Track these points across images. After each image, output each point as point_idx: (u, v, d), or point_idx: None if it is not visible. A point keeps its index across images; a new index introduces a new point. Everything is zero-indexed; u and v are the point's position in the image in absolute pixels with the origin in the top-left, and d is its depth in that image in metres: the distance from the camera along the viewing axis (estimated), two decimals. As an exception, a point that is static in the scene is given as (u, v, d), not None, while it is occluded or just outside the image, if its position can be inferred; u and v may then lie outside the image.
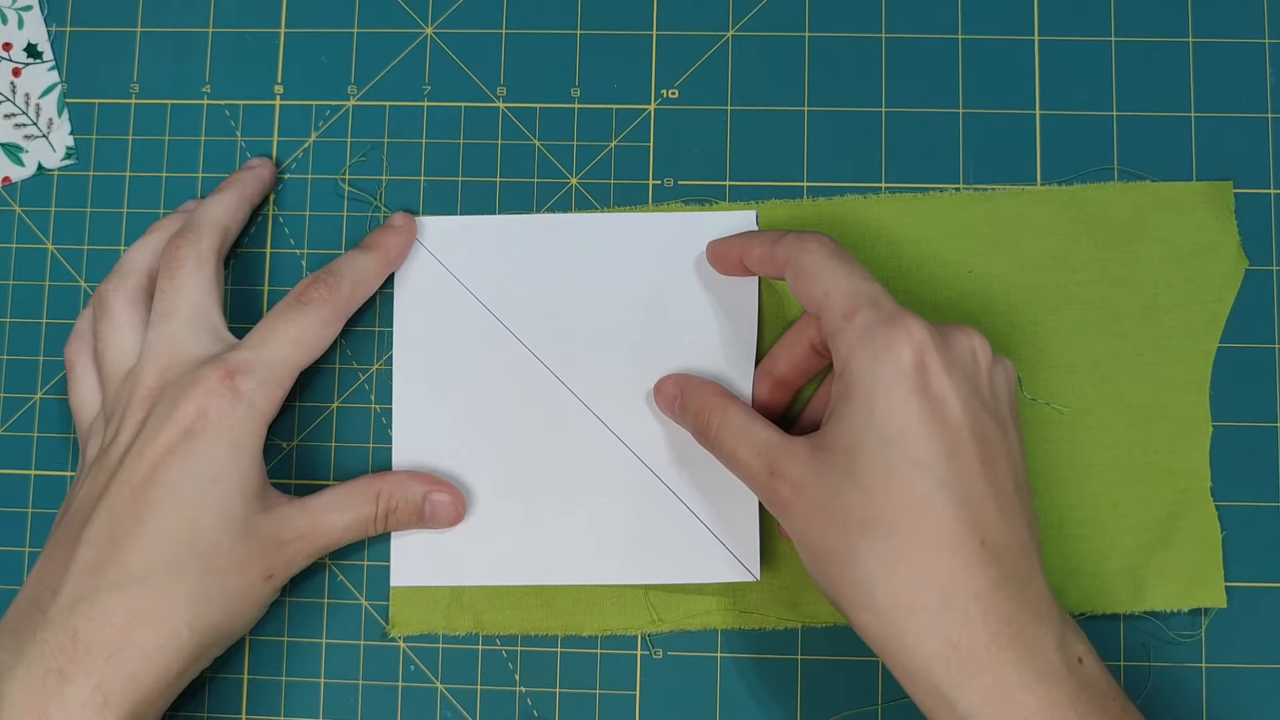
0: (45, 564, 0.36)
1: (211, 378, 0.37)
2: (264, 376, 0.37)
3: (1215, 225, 0.42)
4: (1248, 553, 0.41)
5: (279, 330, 0.38)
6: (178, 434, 0.36)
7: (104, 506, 0.36)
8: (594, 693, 0.41)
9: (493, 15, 0.44)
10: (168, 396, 0.37)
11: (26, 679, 0.34)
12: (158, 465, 0.36)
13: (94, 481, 0.37)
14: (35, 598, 0.35)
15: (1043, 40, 0.43)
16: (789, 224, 0.42)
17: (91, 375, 0.40)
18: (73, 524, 0.36)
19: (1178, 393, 0.41)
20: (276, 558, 0.37)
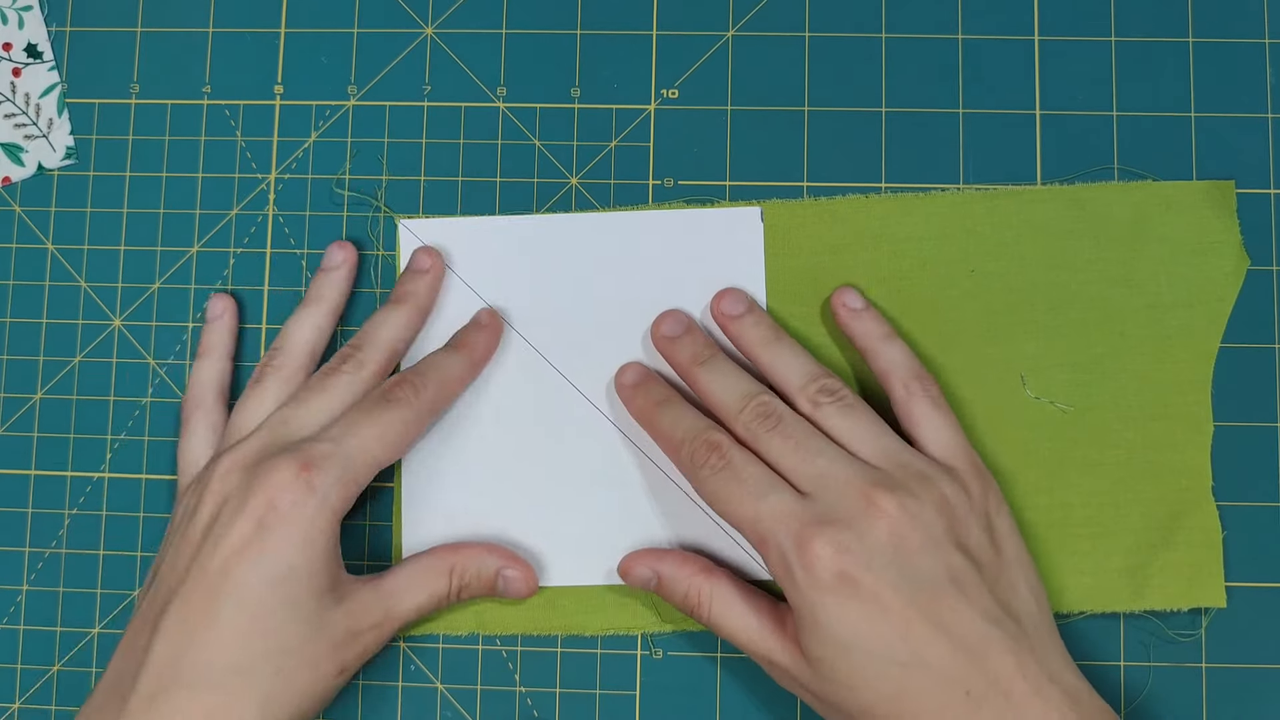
0: (128, 647, 0.36)
1: (287, 470, 0.36)
2: (340, 473, 0.36)
3: (1217, 225, 0.42)
4: (1248, 553, 0.41)
5: (361, 426, 0.37)
6: (251, 526, 0.35)
7: (181, 596, 0.35)
8: (594, 693, 0.41)
9: (493, 15, 0.44)
10: (246, 483, 0.36)
11: None
12: (232, 560, 0.35)
13: (174, 561, 0.37)
14: (117, 684, 0.35)
15: (1043, 40, 0.43)
16: (791, 223, 0.42)
17: (204, 430, 0.41)
18: (151, 609, 0.36)
19: (1179, 392, 0.41)
20: (349, 651, 0.37)
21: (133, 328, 0.44)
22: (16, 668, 0.42)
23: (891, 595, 0.34)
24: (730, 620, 0.38)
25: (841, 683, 0.34)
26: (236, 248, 0.44)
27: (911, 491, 0.35)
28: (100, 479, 0.43)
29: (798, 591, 0.35)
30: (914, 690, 0.34)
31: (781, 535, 0.35)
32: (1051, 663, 0.35)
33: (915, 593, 0.34)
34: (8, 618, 0.43)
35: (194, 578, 0.35)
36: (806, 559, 0.34)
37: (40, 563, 0.43)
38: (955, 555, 0.35)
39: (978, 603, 0.35)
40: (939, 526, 0.35)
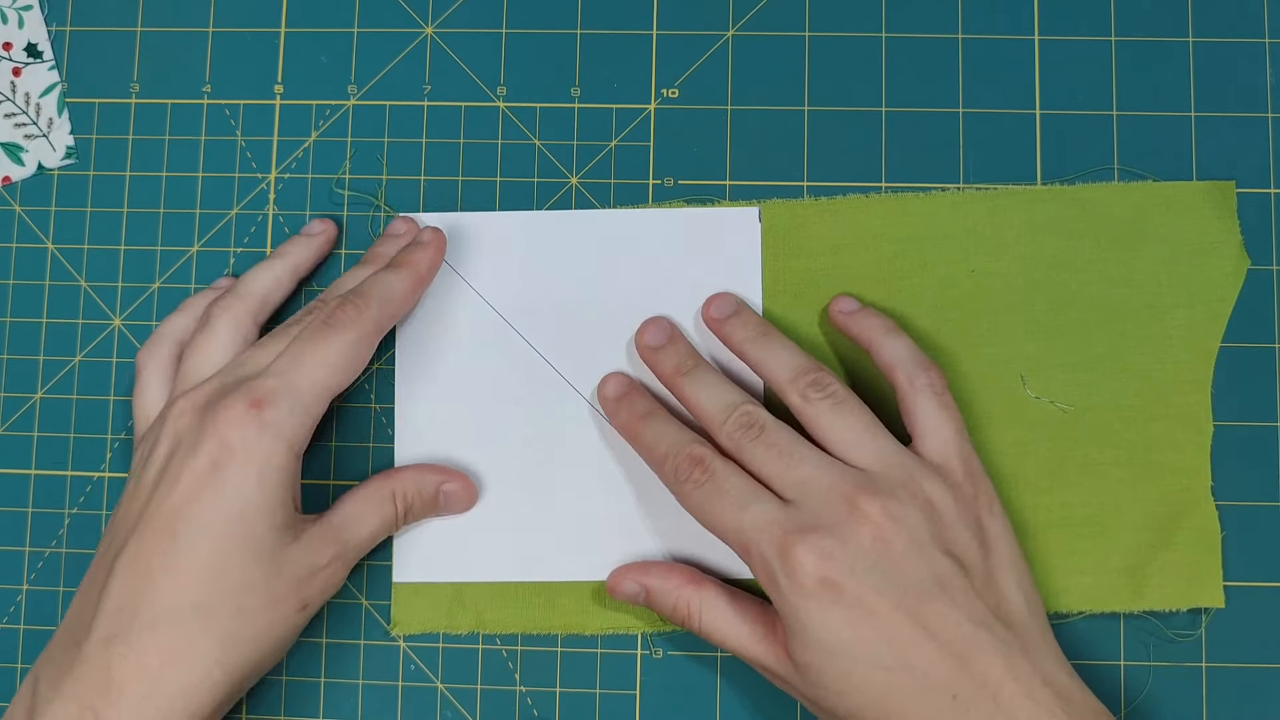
0: (84, 594, 0.36)
1: (237, 407, 0.36)
2: (291, 404, 0.36)
3: (1217, 224, 0.42)
4: (1248, 552, 0.41)
5: (305, 355, 0.37)
6: (205, 466, 0.35)
7: (136, 537, 0.35)
8: (594, 693, 0.41)
9: (493, 15, 0.44)
10: (197, 423, 0.36)
11: (63, 714, 0.33)
12: (185, 500, 0.35)
13: (128, 507, 0.36)
14: (73, 630, 0.35)
15: (1043, 40, 0.43)
16: (791, 223, 0.42)
17: (158, 382, 0.40)
18: (107, 554, 0.36)
19: (1179, 392, 0.41)
20: (310, 587, 0.36)
21: (133, 327, 0.44)
22: (16, 668, 0.42)
23: (876, 600, 0.34)
24: (720, 629, 0.38)
25: (829, 687, 0.35)
26: (236, 247, 0.44)
27: (896, 495, 0.35)
28: (100, 478, 0.43)
29: (782, 599, 0.35)
30: (900, 694, 0.34)
31: (764, 544, 0.35)
32: (1045, 665, 0.35)
33: (900, 597, 0.34)
34: (8, 618, 0.43)
35: (149, 520, 0.35)
36: (789, 566, 0.34)
37: (40, 563, 0.43)
38: (941, 559, 0.35)
39: (964, 606, 0.35)
40: (924, 530, 0.35)
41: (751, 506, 0.36)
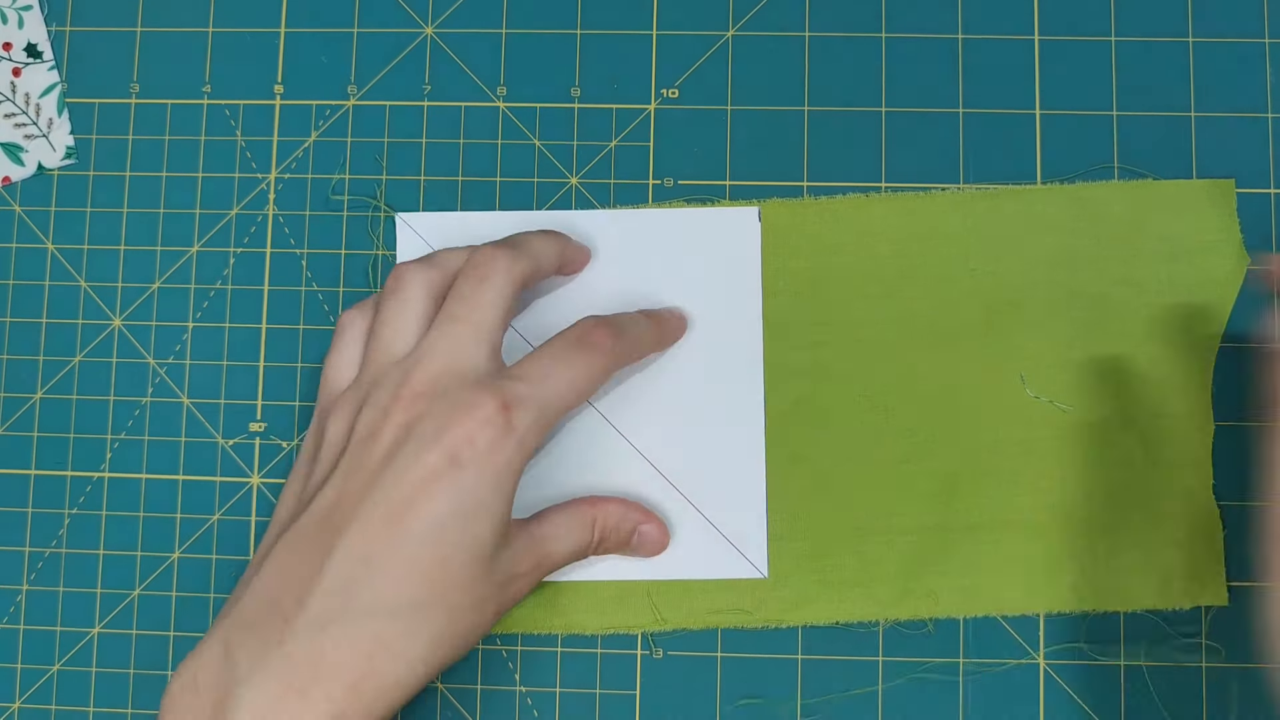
0: (289, 561, 0.34)
1: (488, 406, 0.34)
2: (537, 416, 0.35)
3: (1217, 223, 0.42)
4: (1249, 552, 0.41)
5: (558, 370, 0.36)
6: (444, 460, 0.34)
7: (359, 522, 0.34)
8: (594, 693, 0.41)
9: (493, 15, 0.44)
10: (438, 413, 0.35)
11: (266, 690, 0.32)
12: (420, 492, 0.34)
13: (347, 481, 0.35)
14: (276, 601, 0.34)
15: (1043, 40, 0.43)
16: (791, 223, 0.42)
17: (355, 347, 0.39)
18: (321, 531, 0.34)
19: (1179, 391, 0.41)
20: (507, 594, 0.36)
21: (133, 328, 0.44)
22: (16, 668, 0.42)
23: None
24: None
25: None
26: (236, 248, 0.44)
27: None
28: (100, 479, 0.43)
29: None
30: None
31: None
32: None
33: None
34: (8, 618, 0.43)
35: (375, 503, 0.34)
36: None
37: (40, 563, 0.43)
38: None
39: None
40: None
41: None
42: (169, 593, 0.42)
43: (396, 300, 0.37)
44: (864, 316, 0.42)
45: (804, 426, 0.41)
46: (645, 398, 0.41)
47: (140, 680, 0.42)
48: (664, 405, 0.41)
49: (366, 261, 0.43)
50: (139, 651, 0.42)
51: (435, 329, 0.36)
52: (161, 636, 0.42)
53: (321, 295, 0.43)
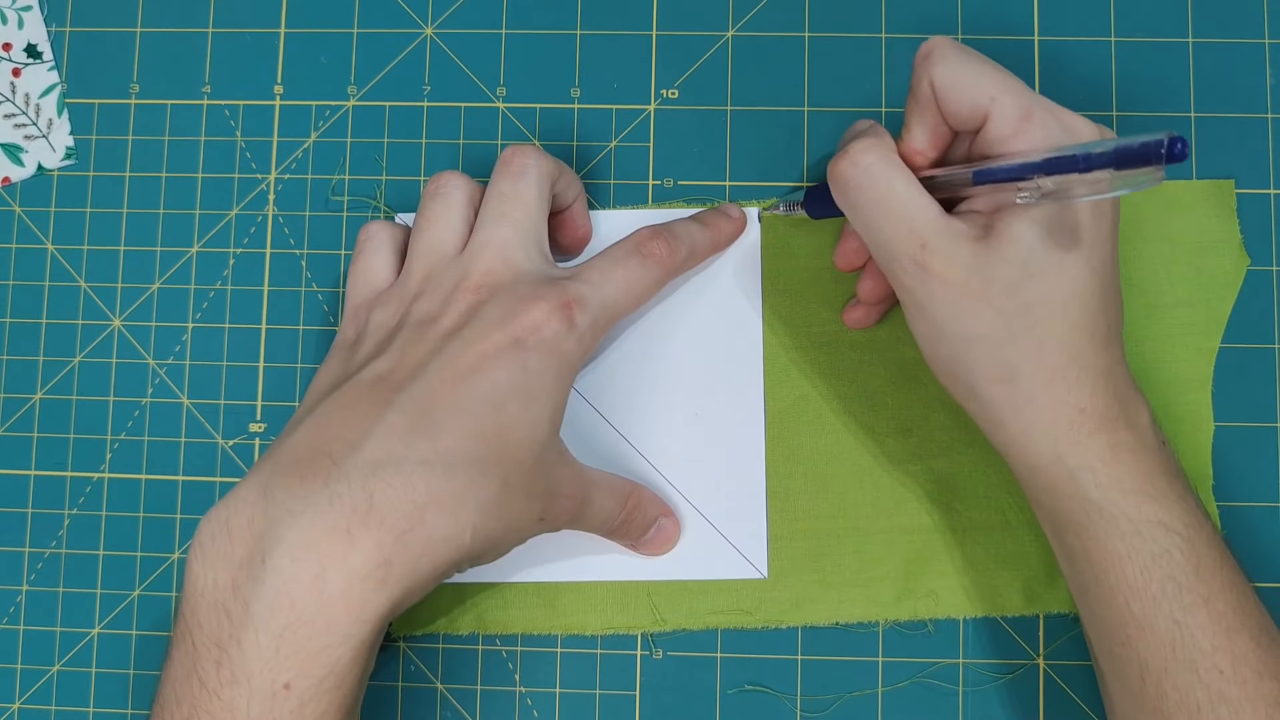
0: (339, 415, 0.33)
1: (552, 299, 0.35)
2: (594, 317, 0.36)
3: (1217, 224, 0.42)
4: (1248, 552, 0.41)
5: (616, 275, 0.37)
6: (509, 340, 0.34)
7: (421, 380, 0.33)
8: (594, 693, 0.41)
9: (493, 15, 0.44)
10: (502, 300, 0.35)
11: (310, 530, 0.31)
12: (485, 361, 0.34)
13: (405, 352, 0.34)
14: (323, 447, 0.32)
15: (1043, 40, 0.43)
16: (791, 223, 0.42)
17: (385, 253, 0.39)
18: (378, 387, 0.34)
19: (1180, 391, 0.41)
20: (554, 506, 0.35)
21: (132, 328, 0.44)
22: (16, 668, 0.42)
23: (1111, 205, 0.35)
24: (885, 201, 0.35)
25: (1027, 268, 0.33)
26: (236, 248, 0.44)
27: None
28: (100, 479, 0.43)
29: None
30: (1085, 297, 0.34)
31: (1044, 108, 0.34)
32: None
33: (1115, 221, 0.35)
34: (8, 618, 0.43)
35: (439, 366, 0.33)
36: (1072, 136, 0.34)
37: (40, 563, 0.43)
38: None
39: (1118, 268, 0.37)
40: None
41: None
42: (169, 593, 0.42)
43: (441, 201, 0.38)
44: (864, 317, 0.42)
45: (804, 426, 0.41)
46: (645, 398, 0.41)
47: (140, 680, 0.42)
48: (664, 405, 0.41)
49: (366, 262, 0.43)
50: (138, 652, 0.42)
51: (487, 226, 0.37)
52: (161, 637, 0.42)
53: (321, 296, 0.43)
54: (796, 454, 0.41)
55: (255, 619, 0.30)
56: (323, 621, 0.30)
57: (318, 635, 0.30)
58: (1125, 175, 0.29)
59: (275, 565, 0.30)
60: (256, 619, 0.30)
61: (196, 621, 0.31)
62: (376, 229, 0.39)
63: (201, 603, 0.31)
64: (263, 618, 0.30)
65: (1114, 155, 0.29)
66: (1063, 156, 0.31)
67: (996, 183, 0.33)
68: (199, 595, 0.31)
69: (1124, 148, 0.29)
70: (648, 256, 0.38)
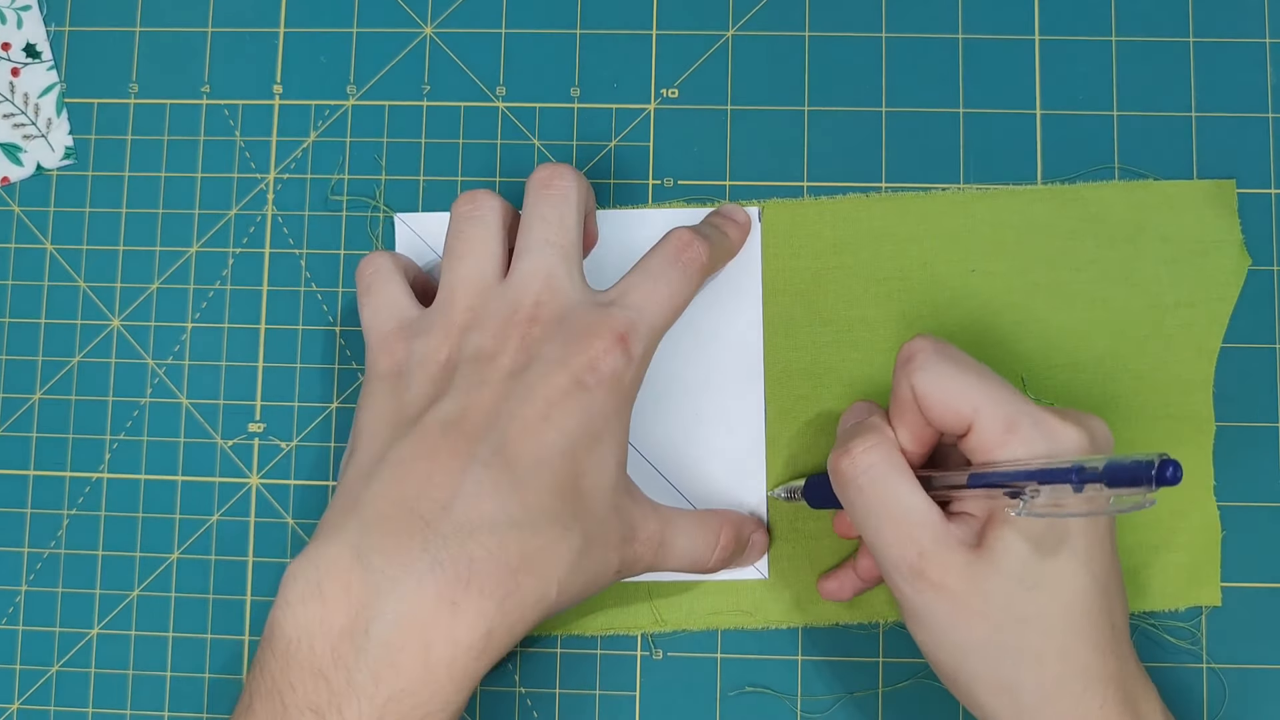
0: (419, 466, 0.32)
1: (607, 335, 0.34)
2: (647, 342, 0.35)
3: (1218, 224, 0.42)
4: (1249, 552, 0.41)
5: (660, 293, 0.36)
6: (571, 381, 0.33)
7: (497, 429, 0.33)
8: (594, 693, 0.41)
9: (493, 15, 0.44)
10: (558, 338, 0.34)
11: (415, 600, 0.30)
12: (553, 408, 0.33)
13: (471, 395, 0.34)
14: (411, 502, 0.32)
15: (1043, 40, 0.43)
16: (791, 223, 0.42)
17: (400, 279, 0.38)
18: (455, 435, 0.33)
19: (1180, 392, 0.41)
20: (629, 552, 0.35)
21: (132, 328, 0.44)
22: (16, 668, 0.42)
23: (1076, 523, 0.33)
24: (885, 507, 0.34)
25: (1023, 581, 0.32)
26: (235, 248, 0.44)
27: None
28: (99, 479, 0.43)
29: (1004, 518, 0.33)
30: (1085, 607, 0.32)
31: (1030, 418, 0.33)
32: None
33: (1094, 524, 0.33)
34: (7, 618, 0.43)
35: (511, 415, 0.33)
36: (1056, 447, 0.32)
37: (39, 563, 0.43)
38: None
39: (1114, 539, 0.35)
40: None
41: None
42: (168, 594, 0.42)
43: (478, 224, 0.37)
44: (864, 316, 0.42)
45: (804, 426, 0.41)
46: (645, 398, 0.41)
47: (139, 681, 0.42)
48: (664, 406, 0.41)
49: (366, 262, 0.43)
50: (138, 652, 0.42)
51: (533, 253, 0.36)
52: (160, 637, 0.42)
53: (320, 296, 0.43)
54: (796, 455, 0.41)
55: (358, 689, 0.30)
56: (427, 692, 0.30)
57: (421, 705, 0.30)
58: (1120, 493, 0.29)
59: (380, 637, 0.30)
60: (360, 689, 0.30)
61: (288, 683, 0.30)
62: (378, 260, 0.38)
63: (294, 665, 0.31)
64: (366, 688, 0.30)
65: (1106, 473, 0.29)
66: (1057, 469, 0.30)
67: (991, 487, 0.32)
68: (291, 657, 0.31)
69: (1115, 465, 0.28)
70: (689, 265, 0.37)
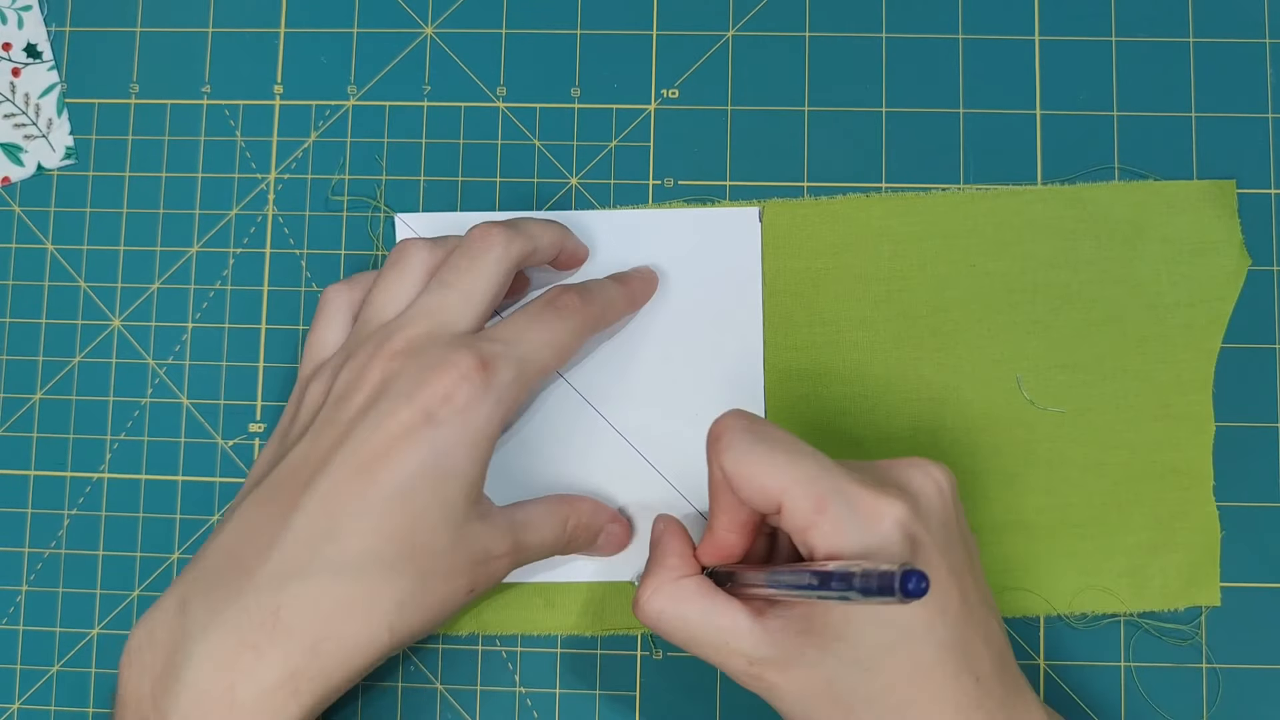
0: (251, 521, 0.33)
1: (464, 363, 0.34)
2: (515, 375, 0.34)
3: (1218, 224, 0.42)
4: (1249, 553, 0.41)
5: (533, 330, 0.36)
6: (419, 416, 0.33)
7: (327, 475, 0.33)
8: (594, 693, 0.41)
9: (493, 15, 0.44)
10: (414, 371, 0.34)
11: (220, 646, 0.31)
12: (392, 447, 0.33)
13: (317, 440, 0.34)
14: (238, 555, 0.33)
15: (1043, 40, 0.43)
16: (791, 223, 0.42)
17: (340, 318, 0.38)
18: (289, 484, 0.33)
19: (1181, 392, 0.41)
20: (481, 572, 0.35)
21: (132, 328, 0.44)
22: (16, 668, 0.42)
23: (943, 567, 0.31)
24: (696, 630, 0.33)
25: (859, 662, 0.31)
26: (236, 248, 0.44)
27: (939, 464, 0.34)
28: (99, 479, 0.43)
29: None
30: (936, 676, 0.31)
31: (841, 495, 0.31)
32: None
33: (953, 562, 0.32)
34: (7, 618, 0.43)
35: (346, 459, 0.33)
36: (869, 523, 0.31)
37: (39, 563, 0.43)
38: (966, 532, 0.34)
39: (978, 586, 0.33)
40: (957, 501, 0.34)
41: None
42: (169, 593, 0.42)
43: (396, 271, 0.37)
44: (864, 316, 0.42)
45: (804, 426, 0.41)
46: (646, 398, 0.41)
47: (140, 681, 0.42)
48: (664, 406, 0.41)
49: (366, 262, 0.43)
50: (139, 652, 0.42)
51: (424, 294, 0.36)
52: (161, 637, 0.42)
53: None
54: (797, 454, 0.41)
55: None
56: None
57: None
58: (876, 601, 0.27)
59: (188, 679, 0.31)
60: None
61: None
62: (333, 295, 0.39)
63: (126, 711, 0.32)
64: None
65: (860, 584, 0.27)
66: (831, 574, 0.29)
67: (786, 589, 0.31)
68: (124, 704, 0.33)
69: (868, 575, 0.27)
70: (563, 308, 0.37)
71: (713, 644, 0.33)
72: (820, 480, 0.32)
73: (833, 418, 0.41)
